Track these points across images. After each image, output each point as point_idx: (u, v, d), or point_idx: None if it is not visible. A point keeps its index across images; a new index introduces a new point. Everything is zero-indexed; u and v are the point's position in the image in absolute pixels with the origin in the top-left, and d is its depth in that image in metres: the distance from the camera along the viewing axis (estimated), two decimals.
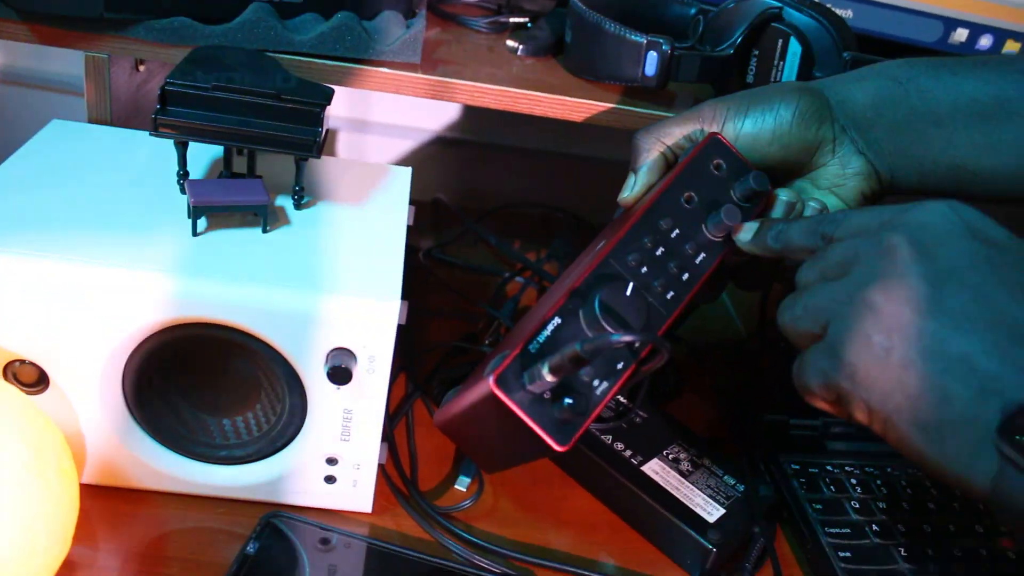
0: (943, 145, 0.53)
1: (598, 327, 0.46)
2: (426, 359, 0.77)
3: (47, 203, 0.55)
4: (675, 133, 0.55)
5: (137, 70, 0.72)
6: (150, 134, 0.55)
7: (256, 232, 0.56)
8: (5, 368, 0.53)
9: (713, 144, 0.53)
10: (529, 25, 0.83)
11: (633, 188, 0.55)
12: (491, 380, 0.44)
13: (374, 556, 0.58)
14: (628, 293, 0.48)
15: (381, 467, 0.60)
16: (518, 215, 1.06)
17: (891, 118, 0.53)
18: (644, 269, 0.50)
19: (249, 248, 0.55)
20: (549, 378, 0.43)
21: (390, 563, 0.58)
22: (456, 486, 0.65)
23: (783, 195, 0.53)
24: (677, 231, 0.52)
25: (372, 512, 0.61)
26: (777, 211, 0.53)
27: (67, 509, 0.48)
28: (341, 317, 0.52)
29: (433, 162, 1.10)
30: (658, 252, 0.51)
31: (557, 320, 0.46)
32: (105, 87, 0.66)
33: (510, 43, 0.78)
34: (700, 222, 0.52)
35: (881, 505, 0.66)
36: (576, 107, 0.69)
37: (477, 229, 0.75)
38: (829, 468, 0.69)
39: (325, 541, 0.58)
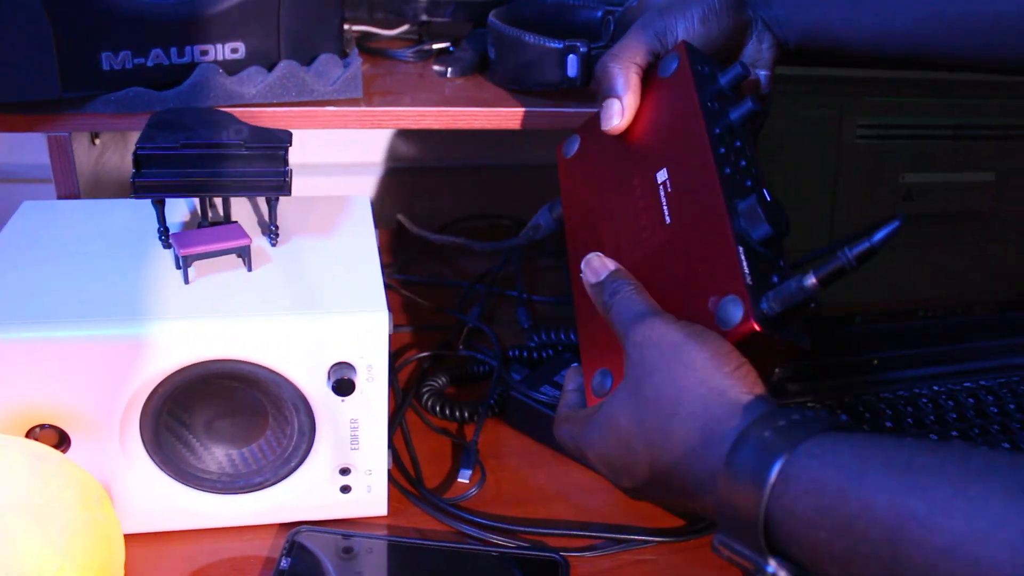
0: (820, 16, 0.62)
1: (767, 240, 0.50)
2: (406, 371, 0.82)
3: (39, 278, 0.59)
4: (641, 51, 0.60)
5: (94, 143, 0.76)
6: (131, 196, 0.59)
7: (242, 272, 0.61)
8: (27, 434, 0.57)
9: (690, 49, 0.59)
10: (452, 49, 0.89)
11: (624, 113, 0.59)
12: (753, 322, 0.46)
13: (397, 552, 0.63)
14: (769, 199, 0.51)
15: (388, 472, 0.64)
16: (467, 229, 1.12)
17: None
18: (739, 176, 0.53)
19: (240, 287, 0.59)
20: (812, 286, 0.46)
21: (413, 556, 0.62)
22: (459, 479, 0.69)
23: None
24: (726, 134, 0.55)
25: (387, 515, 0.65)
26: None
27: (117, 551, 0.52)
28: (338, 333, 0.56)
29: (377, 193, 1.15)
30: (732, 157, 0.54)
31: (741, 248, 0.49)
32: (70, 164, 0.70)
33: (437, 68, 0.84)
34: (728, 119, 0.56)
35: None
36: (511, 116, 0.75)
37: (443, 239, 0.79)
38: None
39: (348, 549, 0.62)
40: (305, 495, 0.62)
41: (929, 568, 0.35)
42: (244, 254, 0.60)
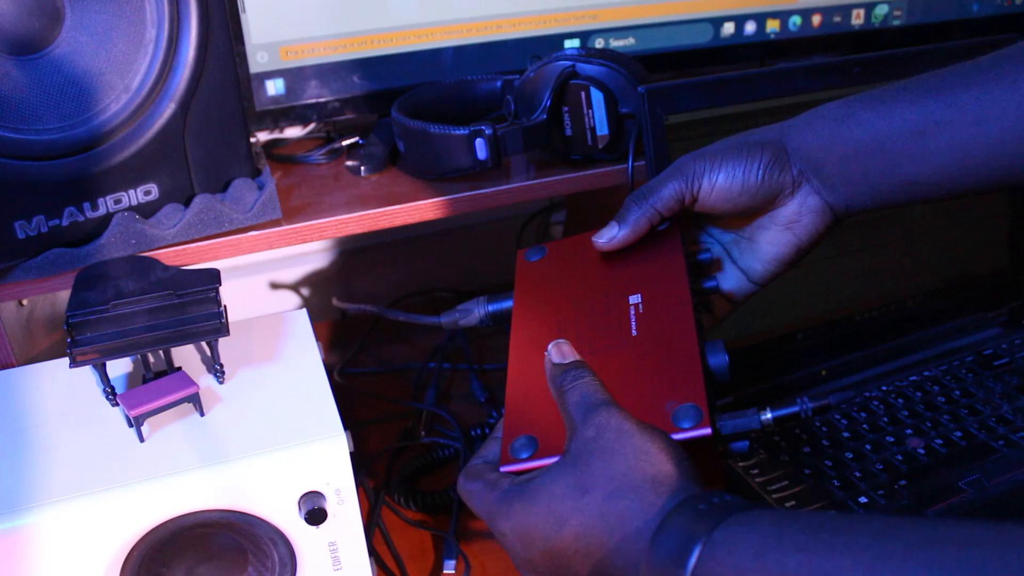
0: (889, 166, 0.58)
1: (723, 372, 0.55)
2: (376, 466, 0.82)
3: None
4: (664, 196, 0.60)
5: (21, 305, 0.75)
6: (70, 366, 0.59)
7: (195, 418, 0.61)
8: None
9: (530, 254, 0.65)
10: (361, 141, 0.90)
11: (614, 239, 0.61)
12: (708, 427, 0.49)
13: None
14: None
15: None
16: (406, 307, 1.13)
17: (840, 154, 0.59)
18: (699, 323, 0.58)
19: (196, 435, 0.59)
20: (767, 422, 0.52)
21: None
22: (444, 572, 0.70)
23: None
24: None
25: None
26: None
27: None
28: (301, 466, 0.57)
29: (312, 280, 1.15)
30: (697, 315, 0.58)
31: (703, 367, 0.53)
32: (2, 334, 0.69)
33: (350, 164, 0.85)
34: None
35: (806, 450, 0.75)
36: (431, 207, 0.76)
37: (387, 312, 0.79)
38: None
39: None
40: None
41: None
42: (195, 401, 0.60)
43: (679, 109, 0.75)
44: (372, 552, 0.64)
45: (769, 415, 0.51)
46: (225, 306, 0.62)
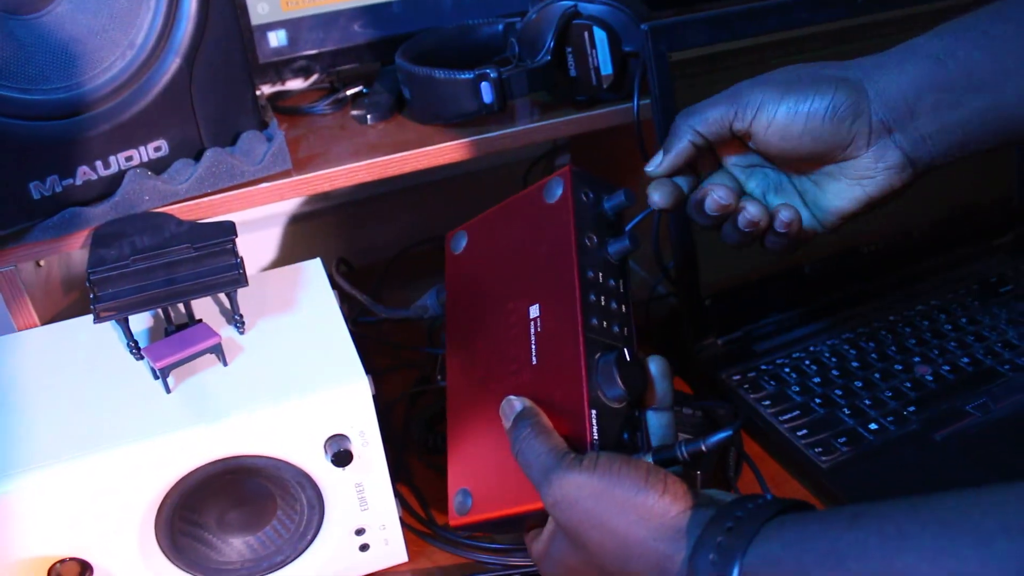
0: (991, 105, 0.51)
1: (619, 399, 0.52)
2: (393, 414, 0.84)
3: (27, 417, 0.60)
4: (710, 118, 0.55)
5: (39, 266, 0.76)
6: (94, 322, 0.60)
7: (218, 368, 0.62)
8: (49, 572, 0.58)
9: (576, 177, 0.58)
10: (365, 91, 0.90)
11: (659, 166, 0.57)
12: None
13: None
14: (628, 359, 0.52)
15: (400, 519, 0.66)
16: (416, 256, 1.13)
17: (932, 100, 0.52)
18: (606, 323, 0.55)
19: (221, 384, 0.60)
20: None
21: None
22: None
23: (751, 209, 0.55)
24: (600, 274, 0.56)
25: (408, 560, 0.67)
26: (740, 222, 0.55)
27: None
28: (326, 410, 0.58)
29: (321, 232, 1.16)
30: (603, 301, 0.55)
31: (594, 412, 0.51)
32: (23, 295, 0.70)
33: (356, 114, 0.85)
34: (605, 255, 0.57)
35: (816, 380, 0.77)
36: (439, 152, 0.77)
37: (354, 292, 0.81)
38: (764, 367, 0.79)
39: None
40: (327, 562, 0.65)
41: None
42: (217, 352, 0.62)
43: (683, 46, 0.75)
44: (396, 495, 0.66)
45: (650, 458, 0.50)
46: (242, 258, 0.63)
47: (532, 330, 0.57)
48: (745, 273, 0.82)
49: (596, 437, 0.50)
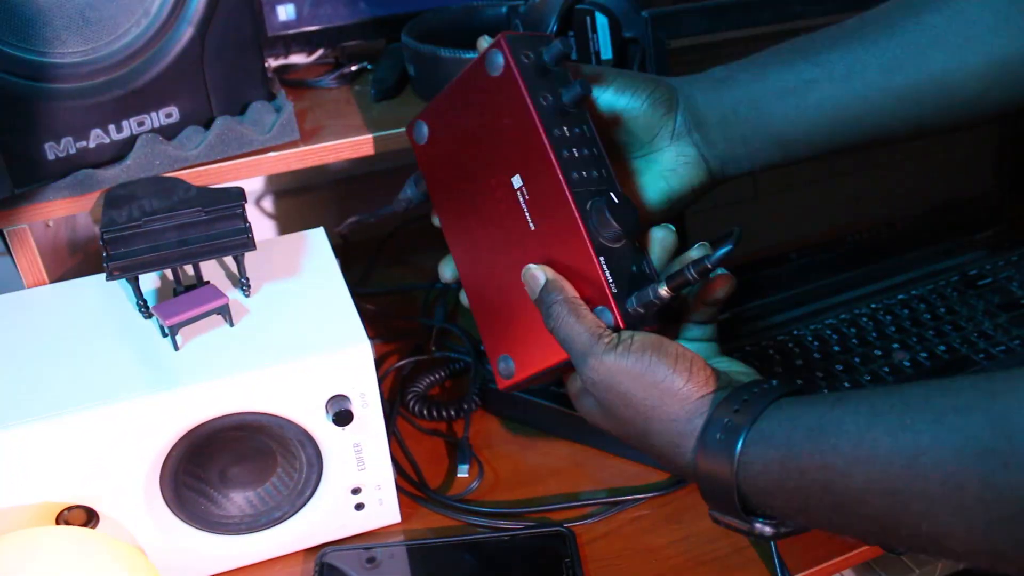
0: (763, 124, 0.61)
1: (618, 238, 0.55)
2: (387, 382, 0.87)
3: (38, 368, 0.62)
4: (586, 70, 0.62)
5: (47, 226, 0.78)
6: (106, 279, 0.62)
7: (225, 328, 0.64)
8: (57, 518, 0.60)
9: (512, 43, 0.58)
10: (370, 67, 0.92)
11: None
12: (622, 324, 0.53)
13: (416, 553, 0.68)
14: (617, 200, 0.55)
15: (395, 483, 0.69)
16: (414, 231, 1.15)
17: (719, 112, 0.61)
18: (586, 173, 0.57)
19: (228, 344, 0.63)
20: (667, 294, 0.53)
21: (431, 554, 0.68)
22: (458, 475, 0.74)
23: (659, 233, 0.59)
24: (565, 128, 0.57)
25: (401, 521, 0.70)
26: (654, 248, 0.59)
27: None
28: (329, 371, 0.61)
29: (321, 205, 1.18)
30: (577, 153, 0.57)
31: (602, 259, 0.54)
32: (33, 253, 0.72)
33: (360, 88, 0.87)
34: (563, 106, 0.58)
35: (799, 363, 0.79)
36: None
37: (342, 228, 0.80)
38: (748, 348, 0.82)
39: (372, 559, 0.67)
40: (323, 519, 0.67)
41: (864, 488, 0.43)
42: (224, 312, 0.64)
43: (681, 33, 0.77)
44: (391, 458, 0.68)
45: (664, 288, 0.53)
46: (251, 223, 0.65)
47: (521, 199, 0.58)
48: (733, 259, 0.85)
49: (611, 280, 0.54)
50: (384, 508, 0.68)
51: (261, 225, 1.15)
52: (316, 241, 0.75)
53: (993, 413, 0.39)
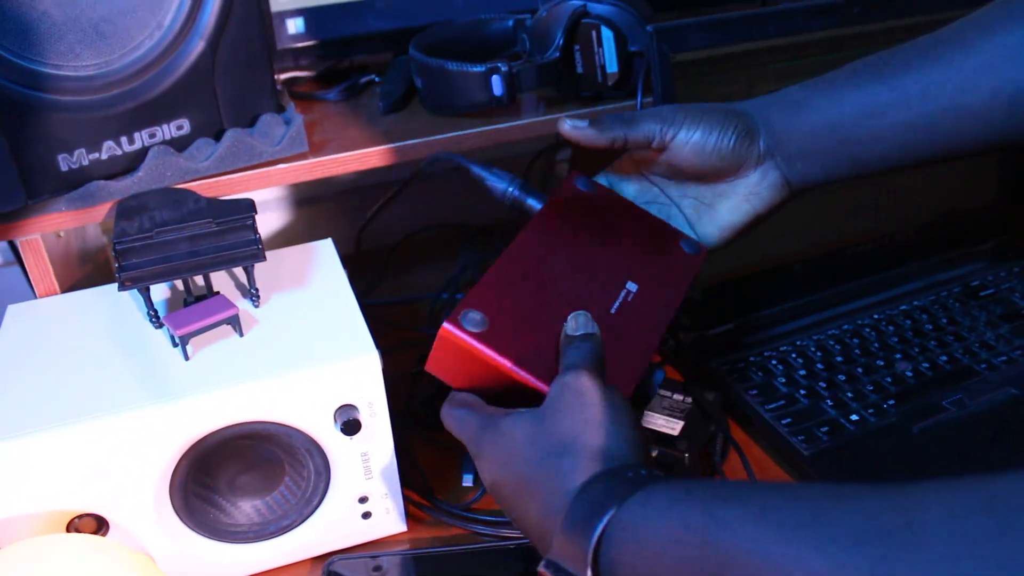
0: (840, 146, 0.63)
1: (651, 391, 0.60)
2: (397, 389, 0.87)
3: (50, 378, 0.62)
4: (641, 129, 0.63)
5: (58, 236, 0.79)
6: (118, 290, 0.63)
7: (235, 339, 0.65)
8: (67, 526, 0.61)
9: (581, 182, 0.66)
10: (378, 79, 0.93)
11: (576, 127, 0.63)
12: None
13: (422, 563, 0.68)
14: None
15: (402, 492, 0.69)
16: (421, 241, 1.16)
17: (798, 135, 0.63)
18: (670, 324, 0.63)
19: (237, 353, 0.64)
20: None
21: (437, 563, 0.68)
22: (464, 484, 0.75)
23: None
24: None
25: (407, 530, 0.71)
26: None
27: None
28: (337, 380, 0.62)
29: (331, 216, 1.19)
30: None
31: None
32: (45, 263, 0.73)
33: (368, 101, 0.88)
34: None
35: (802, 373, 0.80)
36: (449, 142, 0.80)
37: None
38: (752, 358, 0.82)
39: (378, 567, 0.68)
40: (330, 528, 0.68)
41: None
42: (234, 323, 0.65)
43: (686, 47, 0.78)
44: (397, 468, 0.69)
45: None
46: (260, 235, 0.66)
47: (623, 294, 0.61)
48: (737, 270, 0.86)
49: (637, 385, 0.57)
50: (391, 517, 0.69)
51: (269, 235, 1.16)
52: (324, 252, 0.76)
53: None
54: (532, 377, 0.53)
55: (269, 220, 1.15)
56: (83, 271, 0.86)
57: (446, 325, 0.54)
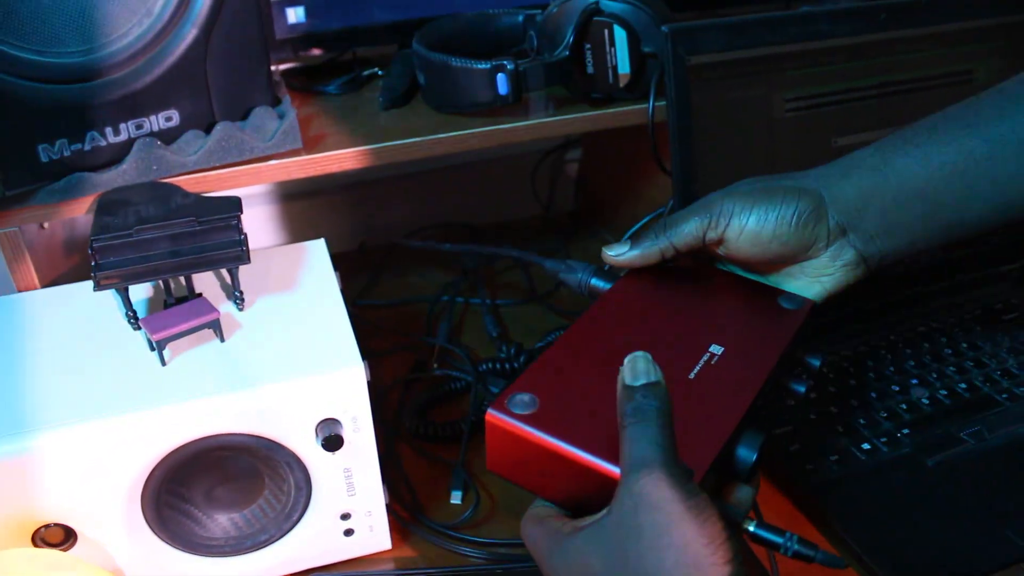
0: (930, 211, 0.56)
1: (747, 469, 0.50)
2: (387, 399, 0.84)
3: (19, 381, 0.59)
4: (686, 232, 0.57)
5: (42, 228, 0.76)
6: (94, 290, 0.60)
7: (215, 344, 0.62)
8: (33, 536, 0.58)
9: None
10: (380, 72, 0.90)
11: (623, 256, 0.58)
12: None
13: None
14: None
15: (387, 506, 0.66)
16: (422, 237, 1.13)
17: (879, 205, 0.57)
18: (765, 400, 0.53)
19: (216, 361, 0.60)
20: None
21: None
22: (451, 501, 0.72)
23: None
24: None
25: (392, 547, 0.67)
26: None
27: None
28: (320, 393, 0.58)
29: (333, 210, 1.16)
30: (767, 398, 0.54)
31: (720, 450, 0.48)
32: (25, 257, 0.70)
33: (369, 96, 0.85)
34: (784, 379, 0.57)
35: (812, 396, 0.76)
36: (450, 141, 0.76)
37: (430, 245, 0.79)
38: None
39: None
40: (311, 544, 0.65)
41: None
42: (215, 327, 0.62)
43: (702, 50, 0.74)
44: (384, 481, 0.65)
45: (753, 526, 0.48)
46: (247, 235, 0.63)
47: (705, 357, 0.54)
48: None
49: (712, 463, 0.47)
50: (374, 534, 0.66)
51: (264, 229, 1.13)
52: (316, 253, 0.73)
53: None
54: (593, 457, 0.46)
55: (264, 213, 1.12)
56: (70, 262, 0.83)
57: (491, 411, 0.48)
